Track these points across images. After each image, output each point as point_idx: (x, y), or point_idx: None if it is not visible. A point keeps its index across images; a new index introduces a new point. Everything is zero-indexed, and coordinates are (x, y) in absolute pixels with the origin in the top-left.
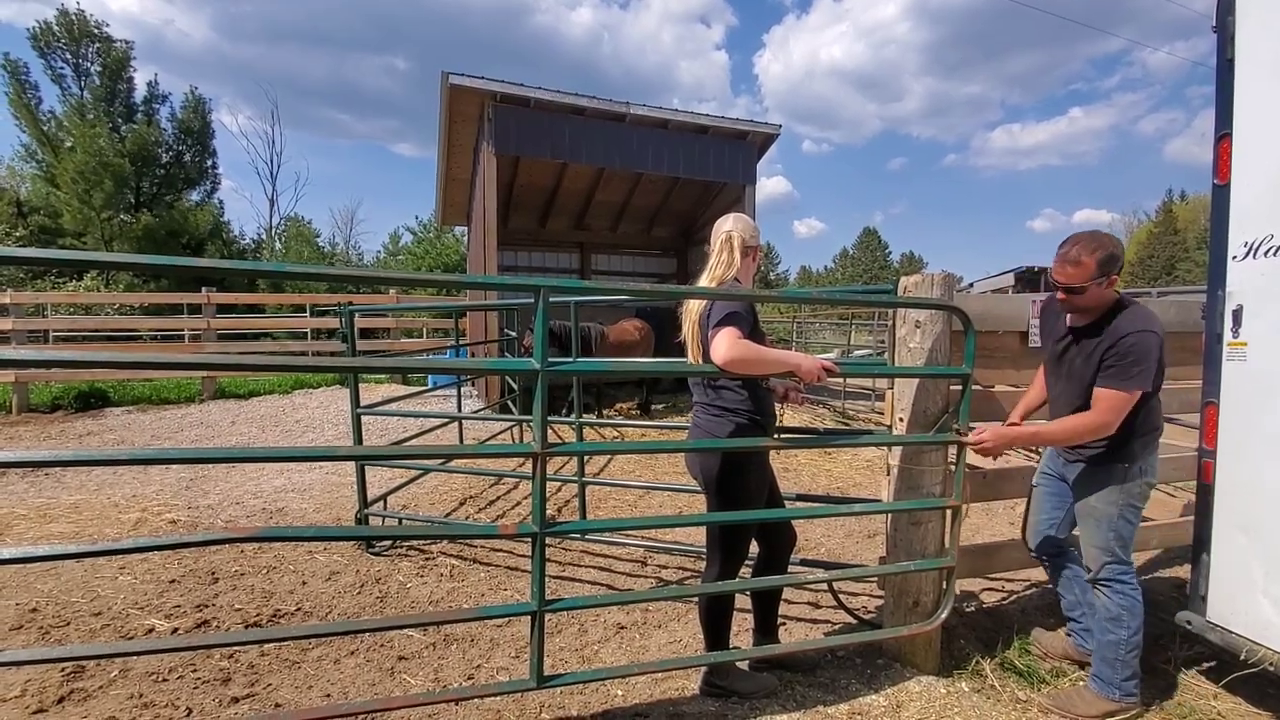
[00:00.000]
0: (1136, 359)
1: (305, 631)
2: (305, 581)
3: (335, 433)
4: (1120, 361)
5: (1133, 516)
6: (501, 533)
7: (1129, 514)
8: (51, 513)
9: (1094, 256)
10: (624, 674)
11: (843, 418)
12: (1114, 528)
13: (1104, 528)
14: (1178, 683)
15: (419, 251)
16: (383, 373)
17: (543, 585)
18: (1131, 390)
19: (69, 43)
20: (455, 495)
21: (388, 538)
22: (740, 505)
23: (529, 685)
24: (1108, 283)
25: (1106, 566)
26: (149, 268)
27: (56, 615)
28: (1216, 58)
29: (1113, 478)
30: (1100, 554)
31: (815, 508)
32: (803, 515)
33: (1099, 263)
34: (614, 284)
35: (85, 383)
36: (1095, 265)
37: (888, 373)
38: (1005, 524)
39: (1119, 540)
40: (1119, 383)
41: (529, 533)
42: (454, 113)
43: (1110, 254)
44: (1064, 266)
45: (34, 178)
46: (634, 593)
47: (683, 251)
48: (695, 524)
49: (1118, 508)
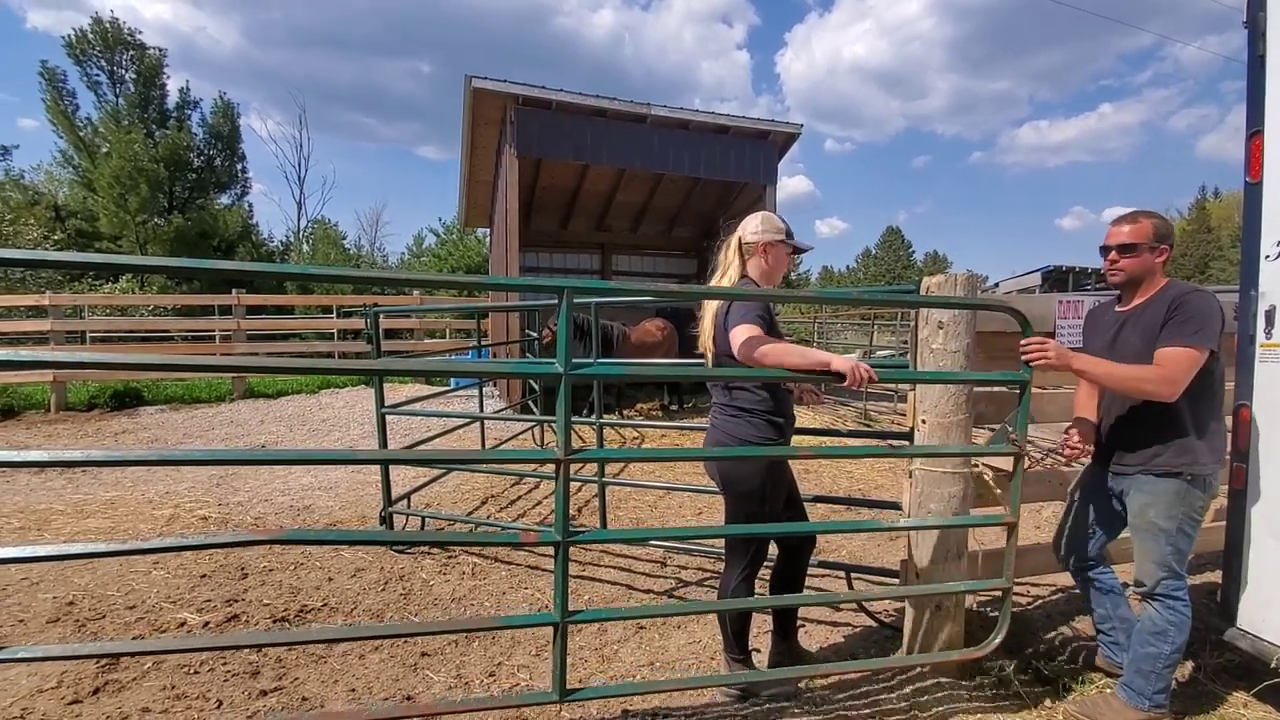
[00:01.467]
0: (1199, 317)
1: (332, 635)
2: (331, 578)
3: (360, 432)
4: (1184, 318)
5: (1192, 530)
6: (524, 541)
7: (1188, 527)
8: (88, 508)
9: (1152, 221)
10: (648, 690)
11: (865, 419)
12: (1173, 542)
13: (1162, 542)
14: (1207, 691)
15: (442, 253)
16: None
17: (565, 597)
18: (1199, 346)
19: (104, 50)
20: (477, 494)
21: (407, 543)
22: (758, 506)
23: (551, 698)
24: (1159, 252)
25: (1163, 582)
26: (180, 270)
27: (92, 609)
28: (1248, 53)
29: (1175, 491)
30: (1157, 569)
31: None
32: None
33: (1155, 227)
34: (635, 285)
35: (121, 382)
36: (1152, 228)
37: (936, 379)
38: (1030, 528)
39: (1176, 555)
40: (1185, 338)
41: (551, 541)
42: (477, 116)
43: (1168, 229)
44: (1120, 225)
45: (72, 183)
46: (657, 606)
47: (704, 252)
48: (718, 535)
49: (1177, 522)
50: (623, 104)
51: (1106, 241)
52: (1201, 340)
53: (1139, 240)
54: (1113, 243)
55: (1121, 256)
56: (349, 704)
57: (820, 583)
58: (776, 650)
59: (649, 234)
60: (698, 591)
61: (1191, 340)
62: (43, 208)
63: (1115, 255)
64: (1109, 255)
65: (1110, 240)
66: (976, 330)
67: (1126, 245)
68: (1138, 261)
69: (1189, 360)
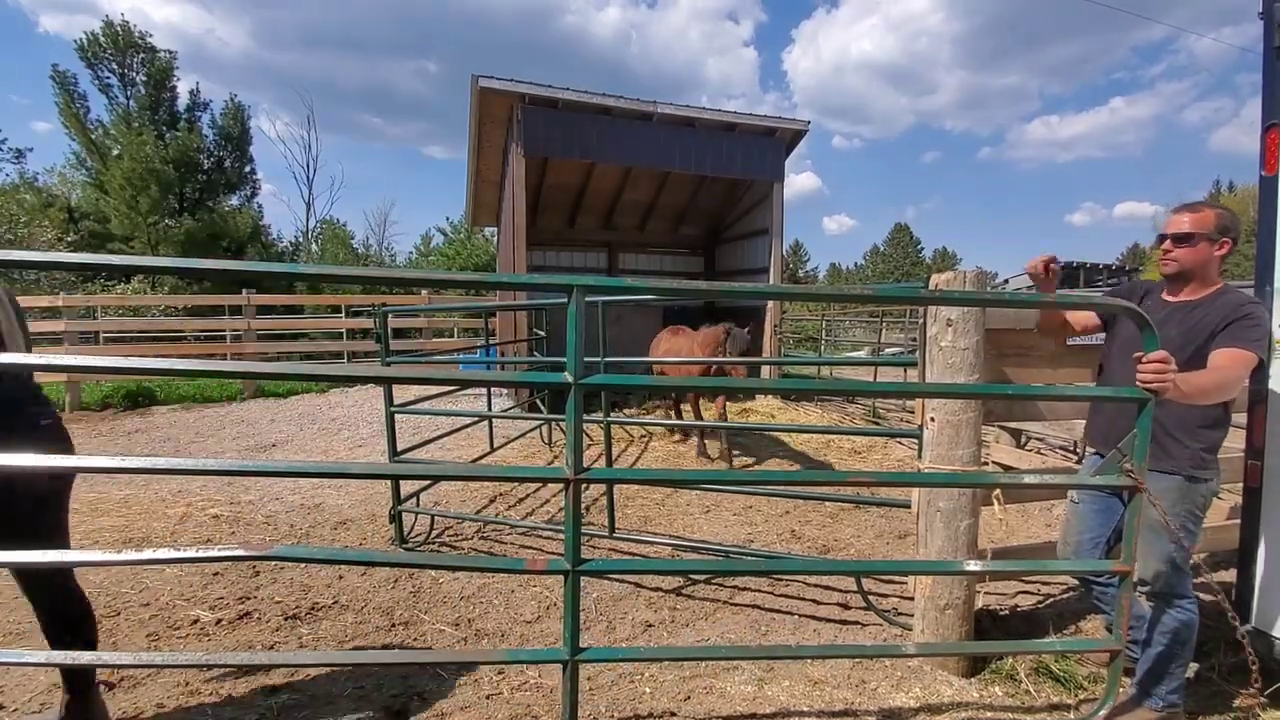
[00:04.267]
0: (1258, 324)
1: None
2: (342, 575)
3: (369, 430)
4: (1244, 322)
5: (1194, 526)
6: (530, 568)
7: (1190, 524)
8: (102, 507)
9: (1215, 211)
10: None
11: (873, 417)
12: (1176, 539)
13: (1164, 539)
14: (1221, 690)
15: (450, 252)
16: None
17: (576, 630)
18: (1257, 350)
19: (115, 54)
20: (486, 492)
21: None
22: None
23: None
24: (1218, 246)
25: (1168, 581)
26: (190, 271)
27: (108, 606)
28: (1264, 45)
29: (1176, 488)
30: (1161, 567)
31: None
32: (924, 570)
33: (1219, 218)
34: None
35: (134, 382)
36: (1215, 219)
37: (1060, 396)
38: (1041, 526)
39: (1180, 553)
40: (1245, 342)
41: (560, 570)
42: (484, 115)
43: (1234, 222)
44: (1181, 214)
45: (84, 185)
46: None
47: (711, 250)
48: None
49: (1179, 519)
50: (629, 102)
51: (1164, 229)
52: (1260, 349)
53: (1199, 230)
54: (1170, 231)
55: (1176, 246)
56: (359, 701)
57: (832, 596)
58: None
59: (656, 232)
60: (706, 589)
61: (1254, 346)
62: (56, 210)
63: (1170, 245)
64: (1164, 244)
65: (1168, 228)
66: (986, 327)
67: (1183, 235)
68: (1193, 253)
69: (1246, 364)
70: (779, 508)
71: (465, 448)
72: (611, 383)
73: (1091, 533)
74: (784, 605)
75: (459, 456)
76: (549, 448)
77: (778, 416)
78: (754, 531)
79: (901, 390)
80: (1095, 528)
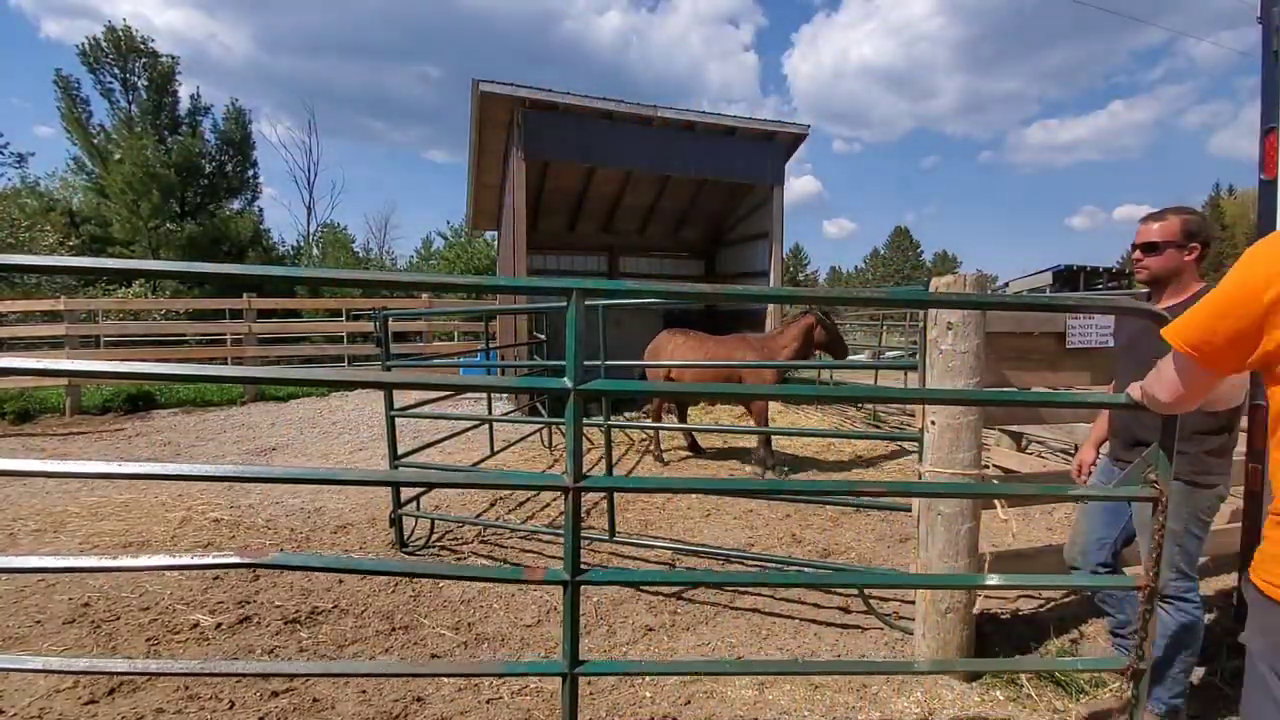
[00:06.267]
0: None
1: (338, 669)
2: (342, 580)
3: (370, 434)
4: None
5: (1200, 531)
6: (528, 578)
7: (1195, 528)
8: (103, 510)
9: (1181, 218)
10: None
11: (873, 420)
12: (1180, 543)
13: (1170, 544)
14: (1224, 695)
15: (450, 256)
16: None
17: (575, 641)
18: None
19: (117, 58)
20: (486, 495)
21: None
22: None
23: None
24: (1188, 253)
25: (1171, 584)
26: (191, 274)
27: (108, 610)
28: (1262, 49)
29: (1177, 492)
30: (1165, 571)
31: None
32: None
33: (1185, 224)
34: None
35: (134, 385)
36: (1180, 225)
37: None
38: (1043, 529)
39: (1185, 556)
40: None
41: (558, 580)
42: (484, 119)
43: (1201, 226)
44: (1149, 223)
45: (85, 189)
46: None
47: (711, 253)
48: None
49: (1184, 523)
50: (629, 106)
51: (1135, 239)
52: None
53: (1164, 239)
54: (1139, 241)
55: (1145, 255)
56: (360, 705)
57: (833, 600)
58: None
59: (656, 236)
60: (707, 593)
61: None
62: (58, 214)
63: (1139, 254)
64: (1135, 254)
65: (1137, 238)
66: (986, 331)
67: (1150, 244)
68: (1162, 260)
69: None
70: (779, 511)
71: (466, 451)
72: (611, 388)
73: (1100, 534)
74: (785, 609)
75: (459, 460)
76: (550, 451)
77: (778, 420)
78: (755, 535)
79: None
80: (1104, 530)
